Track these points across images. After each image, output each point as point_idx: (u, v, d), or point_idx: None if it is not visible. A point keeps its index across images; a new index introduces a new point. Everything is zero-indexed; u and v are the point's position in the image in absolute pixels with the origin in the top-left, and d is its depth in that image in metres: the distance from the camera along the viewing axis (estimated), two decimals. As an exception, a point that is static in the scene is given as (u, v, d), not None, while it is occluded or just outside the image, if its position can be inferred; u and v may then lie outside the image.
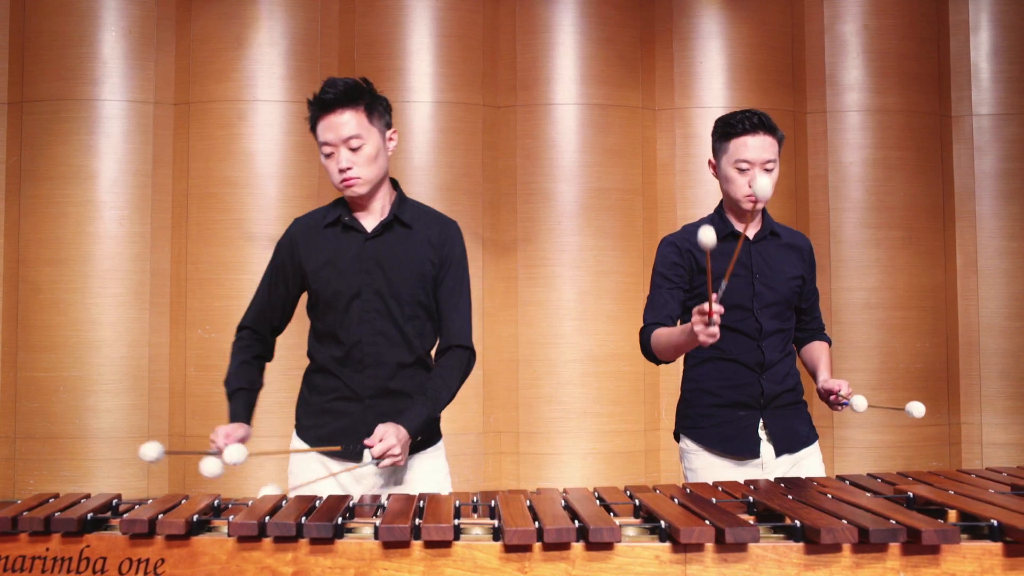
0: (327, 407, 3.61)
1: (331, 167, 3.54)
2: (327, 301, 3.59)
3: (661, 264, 4.05)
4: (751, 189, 3.82)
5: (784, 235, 4.09)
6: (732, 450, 3.94)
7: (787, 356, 4.04)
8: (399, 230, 3.63)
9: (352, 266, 3.58)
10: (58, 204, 6.72)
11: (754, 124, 3.87)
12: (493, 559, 2.63)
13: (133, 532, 2.70)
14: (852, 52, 7.25)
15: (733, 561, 2.60)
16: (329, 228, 3.63)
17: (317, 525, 2.65)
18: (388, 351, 3.57)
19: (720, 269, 3.79)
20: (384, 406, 3.55)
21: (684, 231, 4.08)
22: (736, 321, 3.93)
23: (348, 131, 3.50)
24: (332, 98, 3.51)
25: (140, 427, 6.73)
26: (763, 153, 3.86)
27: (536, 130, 7.05)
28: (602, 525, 2.60)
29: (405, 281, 3.59)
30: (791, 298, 4.03)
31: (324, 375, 3.63)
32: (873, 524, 2.58)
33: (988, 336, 7.26)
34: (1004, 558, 2.58)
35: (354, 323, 3.57)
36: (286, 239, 3.70)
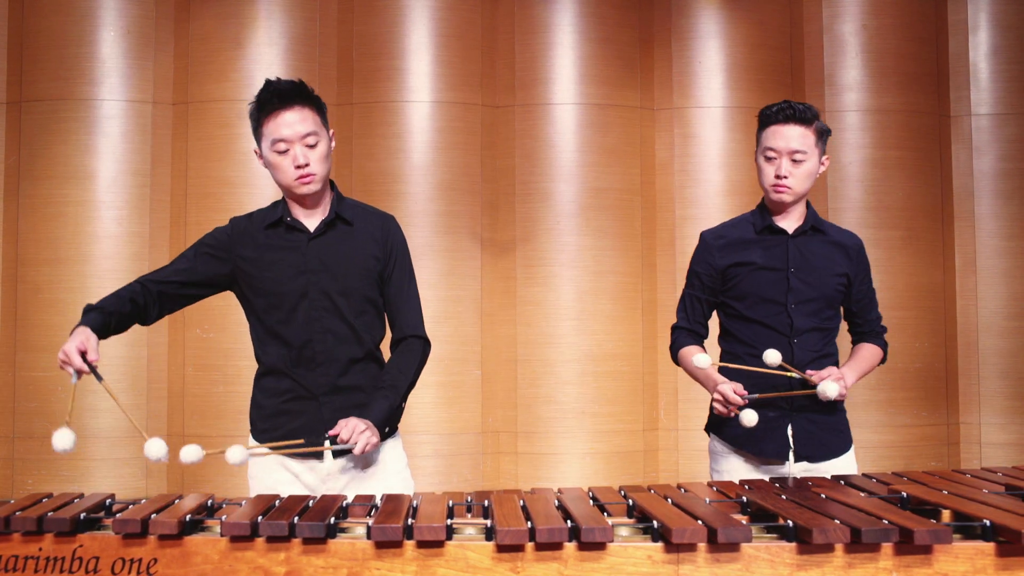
0: (282, 408, 3.60)
1: (284, 164, 3.50)
2: (272, 302, 3.58)
3: (695, 262, 4.08)
4: (778, 180, 3.82)
5: (830, 232, 4.02)
6: (759, 451, 3.89)
7: (824, 357, 3.95)
8: (341, 228, 3.64)
9: (298, 266, 3.57)
10: (57, 204, 6.71)
11: (787, 114, 3.85)
12: (486, 559, 2.63)
13: (126, 532, 2.70)
14: (851, 52, 7.25)
15: (725, 561, 2.60)
16: (270, 229, 3.61)
17: (310, 525, 2.65)
18: (338, 348, 3.58)
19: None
20: (338, 402, 3.57)
21: (721, 228, 4.08)
22: (767, 316, 3.92)
23: (305, 128, 3.50)
24: (289, 94, 3.49)
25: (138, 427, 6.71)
26: (791, 143, 3.83)
27: (535, 130, 7.05)
28: (594, 525, 2.60)
29: (352, 278, 3.60)
30: (832, 296, 3.97)
31: (276, 376, 3.62)
32: (865, 524, 2.58)
33: (987, 336, 7.25)
34: (996, 558, 2.59)
35: (302, 322, 3.57)
36: (225, 235, 3.64)
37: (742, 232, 4.00)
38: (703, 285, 4.04)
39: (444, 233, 6.90)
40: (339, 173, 6.91)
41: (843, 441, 3.99)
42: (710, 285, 4.02)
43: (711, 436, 4.06)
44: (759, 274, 3.92)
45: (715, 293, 4.03)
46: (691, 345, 4.04)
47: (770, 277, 3.91)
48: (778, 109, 3.87)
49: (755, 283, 3.93)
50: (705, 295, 4.05)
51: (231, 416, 6.68)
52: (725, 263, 3.97)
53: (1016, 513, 2.68)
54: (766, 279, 3.91)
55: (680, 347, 4.07)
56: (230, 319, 6.70)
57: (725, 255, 3.98)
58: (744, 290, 3.94)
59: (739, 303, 3.96)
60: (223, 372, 6.72)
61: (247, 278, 3.60)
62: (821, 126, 3.89)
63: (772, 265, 3.92)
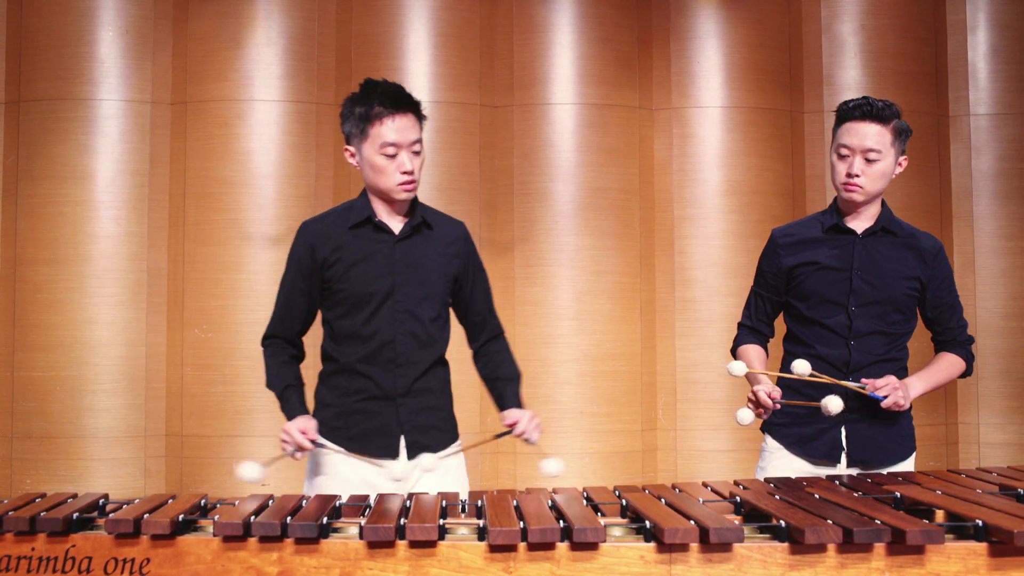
0: (356, 407, 3.62)
1: (389, 169, 3.52)
2: (356, 301, 3.60)
3: (762, 259, 4.07)
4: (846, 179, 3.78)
5: (903, 234, 3.92)
6: (811, 453, 3.84)
7: (887, 362, 3.86)
8: (425, 232, 3.68)
9: (385, 267, 3.59)
10: (55, 204, 6.71)
11: (864, 111, 3.78)
12: (478, 559, 2.63)
13: (118, 532, 2.70)
14: (849, 52, 7.24)
15: (718, 561, 2.60)
16: (356, 229, 3.63)
17: (302, 525, 2.66)
18: (417, 351, 3.62)
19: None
20: (413, 404, 3.64)
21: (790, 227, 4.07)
22: (825, 316, 3.86)
23: (415, 135, 3.55)
24: (403, 100, 3.53)
25: (137, 427, 6.73)
26: (866, 140, 3.76)
27: (533, 130, 7.05)
28: (586, 525, 2.60)
29: (435, 282, 3.66)
30: (900, 300, 3.86)
31: (349, 375, 3.64)
32: (857, 524, 2.58)
33: (985, 336, 7.24)
34: (989, 558, 2.59)
35: (385, 323, 3.59)
36: (303, 245, 3.67)
37: (810, 231, 3.96)
38: (767, 284, 4.02)
39: (442, 233, 6.89)
40: (337, 172, 6.91)
41: (904, 447, 3.91)
42: (774, 284, 4.00)
43: (765, 435, 4.01)
44: (822, 274, 3.87)
45: (780, 292, 4.00)
46: (748, 344, 4.05)
47: (833, 277, 3.86)
48: (855, 105, 3.81)
49: (818, 283, 3.88)
50: (769, 293, 4.03)
51: (230, 416, 6.68)
52: (790, 263, 3.93)
53: (1009, 513, 2.68)
54: (829, 279, 3.86)
55: (739, 344, 4.09)
56: (229, 319, 6.71)
57: (791, 254, 3.94)
58: (807, 290, 3.90)
59: (802, 303, 3.92)
60: (222, 372, 6.72)
61: (334, 277, 3.62)
62: (901, 125, 3.83)
63: (836, 265, 3.86)
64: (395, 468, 3.58)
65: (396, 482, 3.59)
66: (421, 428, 3.63)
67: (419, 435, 3.62)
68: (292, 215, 6.76)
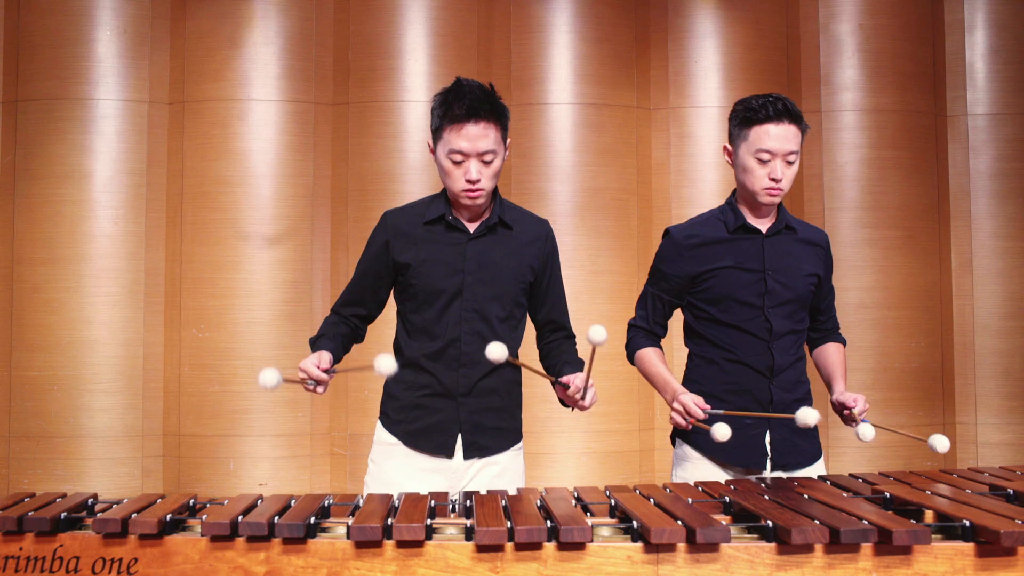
0: (419, 402, 3.62)
1: (456, 174, 3.49)
2: (425, 298, 3.61)
3: (662, 260, 3.92)
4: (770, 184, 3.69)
5: (801, 230, 3.90)
6: (736, 460, 3.77)
7: (799, 360, 3.86)
8: (501, 231, 3.66)
9: (455, 265, 3.59)
10: (53, 203, 6.72)
11: (779, 111, 3.67)
12: (465, 559, 2.63)
13: (106, 532, 2.70)
14: (847, 52, 7.24)
15: (705, 561, 2.60)
16: (430, 225, 3.62)
17: (289, 524, 2.66)
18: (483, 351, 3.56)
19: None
20: (474, 404, 3.64)
21: (690, 227, 3.91)
22: (745, 320, 3.78)
23: (486, 145, 3.47)
24: (480, 108, 3.46)
25: (134, 426, 6.74)
26: (786, 144, 3.66)
27: (531, 129, 7.05)
28: (573, 525, 2.60)
29: (506, 282, 3.64)
30: (805, 297, 3.85)
31: (415, 370, 3.64)
32: (844, 524, 2.58)
33: (983, 336, 7.24)
34: (976, 558, 2.59)
35: (452, 321, 3.60)
36: (381, 233, 3.68)
37: (714, 231, 3.85)
38: (669, 287, 3.90)
39: (440, 233, 6.90)
40: (335, 172, 6.92)
41: (817, 448, 3.90)
42: (676, 287, 3.89)
43: (679, 443, 3.92)
44: (735, 275, 3.78)
45: (680, 295, 3.91)
46: (649, 348, 3.95)
47: (746, 279, 3.78)
48: (772, 109, 3.67)
49: (731, 286, 3.79)
50: (668, 296, 3.92)
51: (227, 415, 6.69)
52: (697, 268, 3.82)
53: (996, 513, 2.68)
54: (742, 281, 3.78)
55: (637, 348, 3.97)
56: (226, 319, 6.71)
57: (697, 258, 3.83)
58: (718, 293, 3.80)
59: (712, 307, 3.82)
60: (219, 371, 6.72)
61: (403, 272, 3.63)
62: (806, 125, 3.75)
63: (748, 266, 3.79)
64: (449, 468, 3.59)
65: (451, 477, 3.61)
66: (480, 428, 3.64)
67: (478, 435, 3.63)
68: (289, 215, 6.77)
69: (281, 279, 6.76)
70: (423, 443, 3.60)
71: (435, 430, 3.60)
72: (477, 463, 3.62)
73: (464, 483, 3.61)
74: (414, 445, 3.61)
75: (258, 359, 6.66)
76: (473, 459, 3.61)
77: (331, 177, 6.92)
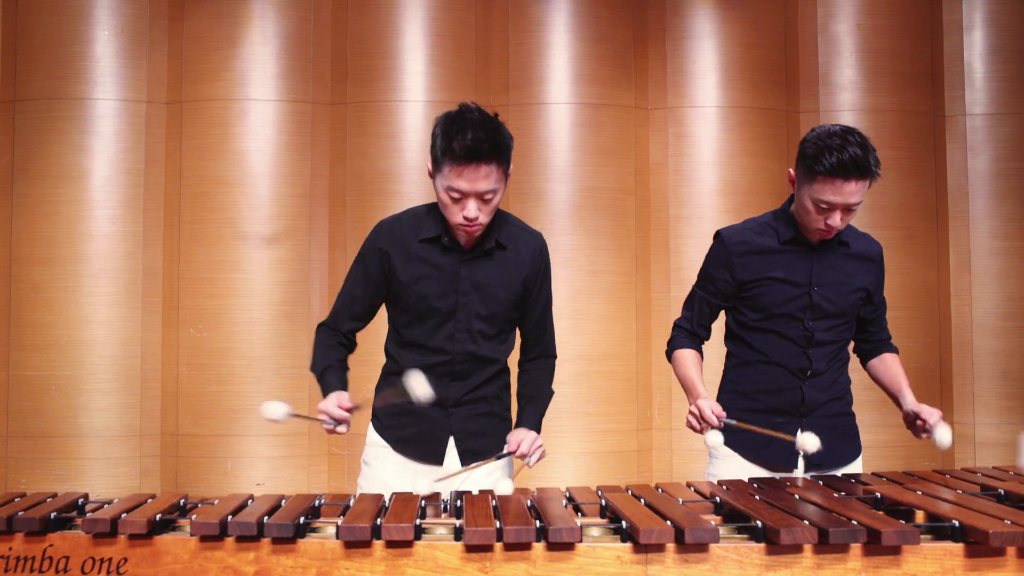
0: (409, 409, 3.56)
1: (453, 208, 3.41)
2: (419, 315, 3.59)
3: (713, 264, 3.89)
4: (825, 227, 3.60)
5: (854, 243, 3.83)
6: (765, 459, 3.78)
7: (838, 365, 3.86)
8: (496, 252, 3.62)
9: (450, 286, 3.57)
10: (50, 203, 6.72)
11: (846, 167, 3.46)
12: (454, 559, 2.63)
13: (96, 532, 2.70)
14: (845, 52, 7.23)
15: (694, 561, 2.60)
16: (425, 243, 3.59)
17: (278, 524, 2.66)
18: (475, 366, 3.62)
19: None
20: (465, 412, 3.65)
21: (742, 232, 3.87)
22: (784, 327, 3.77)
23: (486, 186, 3.37)
24: (481, 150, 3.31)
25: (132, 426, 6.74)
26: (850, 198, 3.52)
27: (529, 129, 7.04)
28: (562, 525, 2.60)
29: (500, 303, 3.62)
30: (851, 312, 3.83)
31: None
32: (833, 525, 2.58)
33: (981, 336, 7.23)
34: (965, 559, 2.59)
35: (445, 339, 3.59)
36: (375, 247, 3.63)
37: (765, 240, 3.81)
38: (717, 291, 3.88)
39: (437, 233, 6.89)
40: (333, 173, 6.92)
41: (854, 447, 3.91)
42: (724, 291, 3.87)
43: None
44: (780, 288, 3.76)
45: (728, 299, 3.89)
46: (687, 349, 3.92)
47: (791, 292, 3.75)
48: (840, 163, 3.46)
49: (775, 297, 3.77)
50: (717, 300, 3.90)
51: (225, 415, 6.69)
52: (746, 276, 3.80)
53: (986, 514, 2.68)
54: (787, 294, 3.75)
55: (677, 347, 3.95)
56: (223, 318, 6.71)
57: (746, 266, 3.80)
58: (763, 303, 3.79)
59: (755, 314, 3.82)
60: (217, 371, 6.72)
61: (396, 286, 3.60)
62: (876, 170, 3.54)
63: (794, 280, 3.75)
64: (439, 473, 3.56)
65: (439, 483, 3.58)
66: (473, 434, 3.64)
67: (471, 442, 3.63)
68: (287, 215, 6.77)
69: (279, 279, 6.76)
70: (412, 450, 3.61)
71: (425, 438, 3.61)
72: (465, 474, 3.59)
73: (456, 483, 3.59)
74: (403, 451, 3.63)
75: (256, 359, 6.67)
76: (465, 471, 3.58)
77: (329, 177, 6.92)
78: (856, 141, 3.50)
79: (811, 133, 3.63)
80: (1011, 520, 2.59)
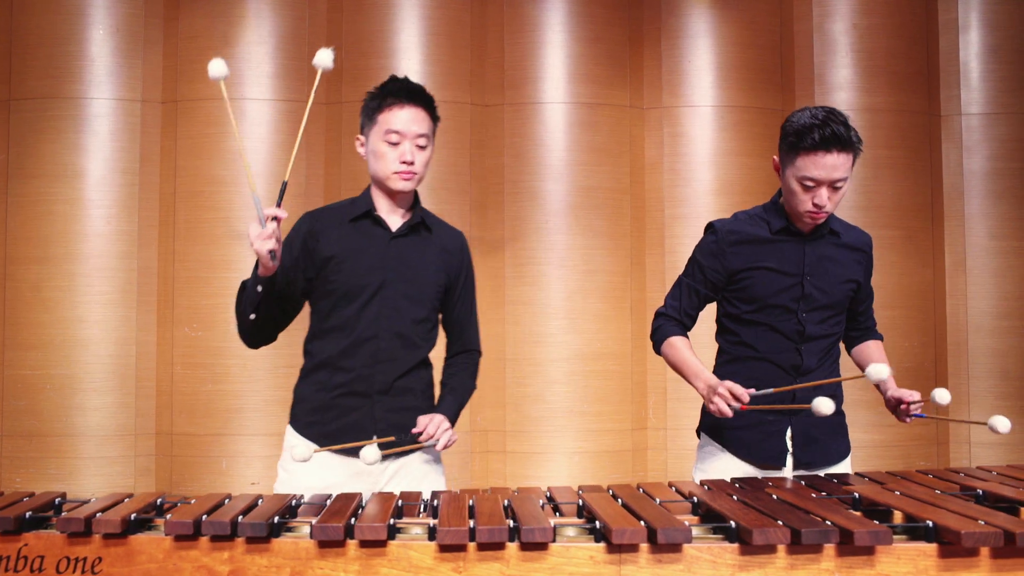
0: (332, 403, 3.60)
1: (390, 155, 3.55)
2: (347, 293, 3.59)
3: (703, 253, 3.86)
4: (813, 208, 3.59)
5: (844, 233, 3.82)
6: (755, 457, 3.76)
7: (829, 363, 3.85)
8: (423, 233, 3.69)
9: (379, 261, 3.60)
10: (45, 202, 6.73)
11: (826, 138, 3.46)
12: (428, 558, 2.63)
13: (70, 531, 2.70)
14: (841, 51, 7.22)
15: (667, 562, 2.60)
16: (354, 222, 3.64)
17: (252, 524, 2.65)
18: (401, 350, 3.61)
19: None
20: (390, 403, 3.62)
21: (734, 223, 3.85)
22: (777, 320, 3.75)
23: (420, 128, 3.58)
24: (417, 94, 3.60)
25: (127, 425, 6.75)
26: (834, 172, 3.51)
27: (524, 128, 7.04)
28: (534, 525, 2.59)
29: (425, 284, 3.66)
30: (842, 303, 3.81)
31: (330, 371, 3.62)
32: (806, 525, 2.57)
33: (976, 335, 7.23)
34: (939, 559, 2.58)
35: (372, 318, 3.59)
36: (300, 233, 3.65)
37: (757, 230, 3.80)
38: (705, 280, 3.85)
39: (433, 232, 6.89)
40: (329, 171, 6.92)
41: (844, 446, 3.89)
42: (713, 281, 3.84)
43: (704, 437, 3.90)
44: (772, 278, 3.74)
45: (716, 290, 3.86)
46: (676, 336, 3.87)
47: (783, 283, 3.73)
48: (820, 137, 3.47)
49: (767, 288, 3.75)
50: (705, 290, 3.86)
51: (220, 415, 6.69)
52: (737, 265, 3.77)
53: (960, 514, 2.67)
54: (779, 284, 3.74)
55: (666, 335, 3.89)
56: (219, 317, 6.72)
57: (738, 255, 3.78)
58: (754, 294, 3.77)
59: (747, 305, 3.79)
60: (211, 371, 6.73)
61: (325, 267, 3.61)
62: (858, 147, 3.56)
63: (786, 270, 3.73)
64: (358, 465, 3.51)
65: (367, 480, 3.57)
66: (395, 428, 3.60)
67: (392, 434, 3.60)
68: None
69: (273, 278, 6.75)
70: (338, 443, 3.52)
71: (350, 430, 3.57)
72: (394, 464, 3.60)
73: (381, 484, 3.58)
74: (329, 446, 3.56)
75: (251, 358, 6.66)
76: (389, 460, 3.59)
77: (324, 176, 6.92)
78: (838, 119, 3.52)
79: (792, 115, 3.64)
80: (985, 520, 2.59)
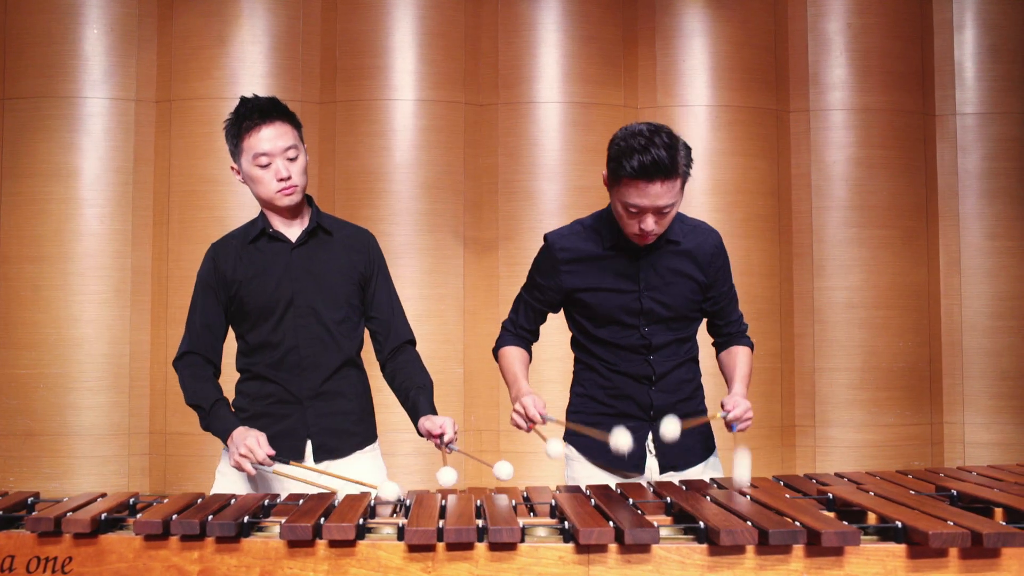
0: (265, 411, 3.64)
1: (266, 178, 3.58)
2: (260, 312, 3.63)
3: (538, 270, 3.75)
4: (643, 232, 3.42)
5: (685, 240, 3.63)
6: (614, 463, 3.61)
7: (682, 365, 3.72)
8: (322, 237, 3.72)
9: (283, 275, 3.64)
10: (39, 201, 6.74)
11: (646, 168, 3.28)
12: (397, 558, 2.63)
13: (40, 531, 2.70)
14: (836, 51, 7.21)
15: (636, 562, 2.59)
16: (253, 243, 3.68)
17: (220, 524, 2.65)
18: (323, 354, 3.64)
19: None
20: (322, 407, 3.65)
21: (568, 238, 3.70)
22: (620, 337, 3.65)
23: (286, 142, 3.59)
24: (269, 109, 3.60)
25: (121, 424, 6.75)
26: (657, 200, 3.34)
27: (518, 128, 7.04)
28: (502, 525, 2.59)
29: (335, 285, 3.68)
30: (687, 312, 3.67)
31: (260, 381, 3.67)
32: (774, 526, 2.57)
33: (971, 335, 7.22)
34: (907, 560, 2.57)
35: (289, 329, 3.63)
36: (208, 264, 3.71)
37: (590, 246, 3.65)
38: (542, 297, 3.75)
39: (427, 231, 6.89)
40: (322, 171, 6.92)
41: (708, 445, 3.78)
42: (549, 299, 3.74)
43: (566, 444, 3.73)
44: (608, 298, 3.62)
45: (553, 306, 3.77)
46: (514, 347, 3.83)
47: (620, 300, 3.61)
48: (640, 165, 3.28)
49: (605, 306, 3.63)
50: (540, 305, 3.78)
51: (213, 414, 6.69)
52: (571, 284, 3.65)
53: (930, 515, 2.67)
54: (617, 301, 3.61)
55: (503, 345, 3.85)
56: (212, 317, 6.71)
57: (571, 274, 3.65)
58: (593, 312, 3.66)
59: (588, 322, 3.69)
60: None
61: (237, 290, 3.64)
62: (686, 170, 3.40)
63: (621, 287, 3.61)
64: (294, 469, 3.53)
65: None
66: (328, 431, 3.64)
67: (326, 438, 3.63)
68: (275, 213, 6.78)
69: (266, 277, 6.76)
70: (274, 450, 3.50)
71: (284, 436, 3.58)
72: (332, 467, 3.58)
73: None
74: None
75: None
76: (325, 462, 3.59)
77: (318, 176, 6.92)
78: (662, 142, 3.32)
79: (619, 132, 3.45)
80: (955, 521, 2.58)
